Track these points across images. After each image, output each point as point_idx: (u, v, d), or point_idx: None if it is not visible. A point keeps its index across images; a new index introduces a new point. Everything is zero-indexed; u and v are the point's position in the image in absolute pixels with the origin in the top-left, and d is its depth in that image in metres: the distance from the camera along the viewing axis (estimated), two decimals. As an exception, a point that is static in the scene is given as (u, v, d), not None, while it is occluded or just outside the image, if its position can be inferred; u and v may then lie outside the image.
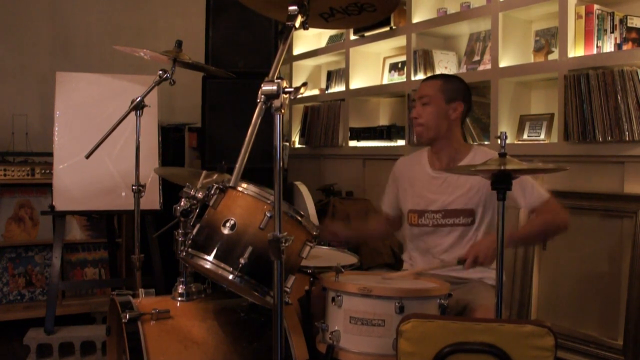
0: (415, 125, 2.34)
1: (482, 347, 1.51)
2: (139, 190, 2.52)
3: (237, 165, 1.32)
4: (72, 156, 3.11)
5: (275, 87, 1.31)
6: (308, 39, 4.85)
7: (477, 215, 2.22)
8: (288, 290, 1.73)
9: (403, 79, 3.87)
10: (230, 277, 1.65)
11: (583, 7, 2.81)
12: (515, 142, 3.17)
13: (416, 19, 3.72)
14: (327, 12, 1.63)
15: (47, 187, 3.54)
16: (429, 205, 2.27)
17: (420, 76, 3.68)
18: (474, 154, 2.28)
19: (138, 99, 2.41)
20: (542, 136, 3.07)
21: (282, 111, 1.34)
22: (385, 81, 4.11)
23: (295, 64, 4.87)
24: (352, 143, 4.19)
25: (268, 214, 1.66)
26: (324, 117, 4.45)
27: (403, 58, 3.89)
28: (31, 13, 4.22)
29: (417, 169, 2.38)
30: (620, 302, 2.63)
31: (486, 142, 3.28)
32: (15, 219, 3.67)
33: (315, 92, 4.71)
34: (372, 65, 4.28)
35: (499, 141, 1.77)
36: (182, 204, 1.80)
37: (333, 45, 4.49)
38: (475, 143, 3.28)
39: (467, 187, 2.23)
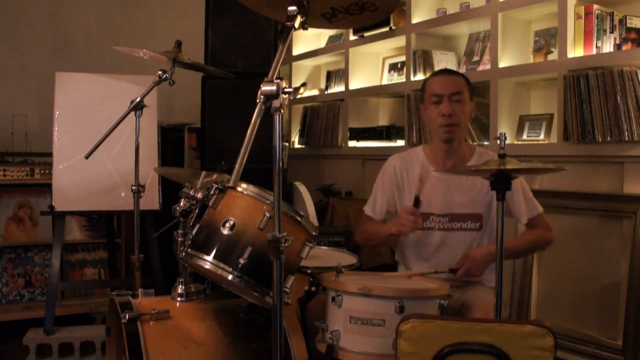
0: (446, 124, 2.15)
1: (482, 348, 1.51)
2: (138, 190, 2.51)
3: (237, 166, 1.32)
4: (72, 156, 3.10)
5: (274, 88, 1.31)
6: (308, 39, 4.85)
7: (484, 220, 2.19)
8: (287, 290, 1.73)
9: (402, 79, 3.87)
10: (230, 277, 1.65)
11: (582, 7, 2.81)
12: (515, 142, 3.17)
13: (416, 19, 3.72)
14: (329, 12, 1.64)
15: (46, 188, 3.54)
16: (434, 208, 2.21)
17: (420, 76, 3.68)
18: (478, 155, 2.26)
19: (137, 99, 2.41)
20: (542, 136, 3.07)
21: (282, 111, 1.34)
22: (385, 81, 4.11)
23: (294, 64, 4.87)
24: (352, 143, 4.19)
25: (267, 214, 1.66)
26: (323, 118, 4.45)
27: (402, 58, 3.89)
28: (31, 13, 4.22)
29: (416, 168, 2.28)
30: (619, 302, 2.63)
31: (485, 143, 3.29)
32: (15, 219, 3.67)
33: (315, 92, 4.71)
34: (372, 65, 4.29)
35: (498, 142, 1.77)
36: (181, 204, 1.80)
37: (332, 45, 4.50)
38: (475, 143, 3.28)
39: (474, 190, 2.20)
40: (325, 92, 4.58)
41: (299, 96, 4.60)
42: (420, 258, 2.26)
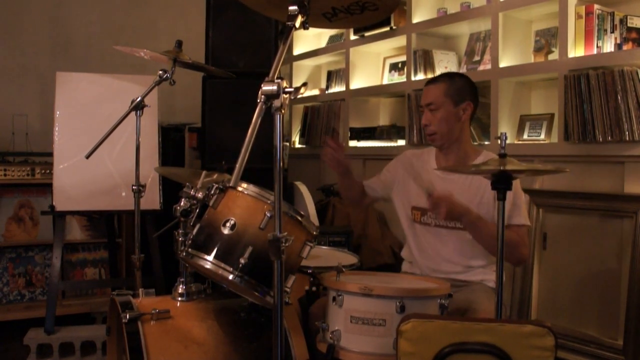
0: (426, 133, 2.29)
1: (482, 347, 1.51)
2: (139, 190, 2.52)
3: (237, 165, 1.32)
4: (72, 156, 3.10)
5: (275, 87, 1.31)
6: (308, 39, 4.85)
7: None
8: (288, 290, 1.74)
9: (403, 79, 3.87)
10: (231, 277, 1.65)
11: (583, 7, 2.81)
12: (516, 142, 3.17)
13: (416, 19, 3.72)
14: (330, 11, 1.64)
15: (47, 187, 3.54)
16: None
17: (421, 76, 3.68)
18: (483, 157, 2.24)
19: (138, 99, 2.41)
20: (542, 136, 3.07)
21: (282, 111, 1.34)
22: (386, 81, 4.11)
23: (295, 64, 4.87)
24: (352, 143, 4.19)
25: (268, 214, 1.66)
26: (324, 117, 4.45)
27: (403, 58, 3.89)
28: (31, 13, 4.22)
29: (425, 165, 2.35)
30: (620, 302, 2.63)
31: (486, 142, 3.29)
32: (16, 219, 3.67)
33: (315, 92, 4.71)
34: (372, 65, 4.28)
35: (499, 142, 1.77)
36: (182, 203, 1.80)
37: (333, 45, 4.49)
38: (475, 143, 3.28)
39: (470, 191, 2.19)
40: (326, 92, 4.58)
41: (299, 96, 4.60)
42: (421, 252, 2.29)
